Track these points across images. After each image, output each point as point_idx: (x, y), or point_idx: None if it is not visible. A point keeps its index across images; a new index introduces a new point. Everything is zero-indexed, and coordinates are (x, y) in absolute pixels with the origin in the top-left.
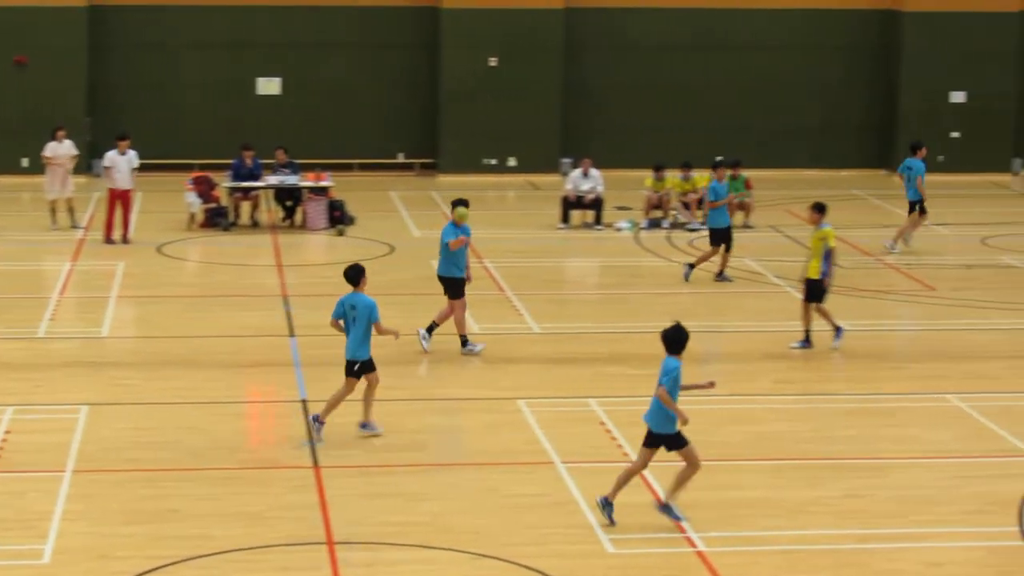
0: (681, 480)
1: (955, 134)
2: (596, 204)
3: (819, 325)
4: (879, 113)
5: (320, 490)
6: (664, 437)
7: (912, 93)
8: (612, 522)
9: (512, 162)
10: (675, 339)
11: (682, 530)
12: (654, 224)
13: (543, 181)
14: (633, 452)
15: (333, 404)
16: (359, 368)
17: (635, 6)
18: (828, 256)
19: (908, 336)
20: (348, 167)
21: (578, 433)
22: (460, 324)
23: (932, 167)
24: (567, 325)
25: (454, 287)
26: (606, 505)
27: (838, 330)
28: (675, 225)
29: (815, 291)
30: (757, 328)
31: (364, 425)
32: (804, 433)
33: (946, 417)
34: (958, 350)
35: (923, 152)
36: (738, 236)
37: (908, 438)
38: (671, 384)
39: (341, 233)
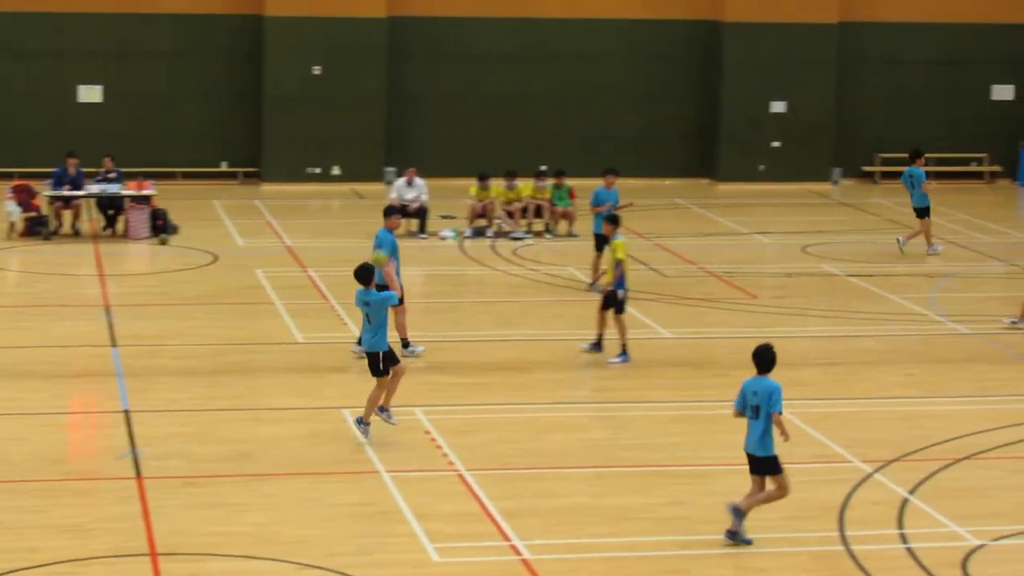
0: (762, 500)
1: (776, 144)
2: (420, 213)
3: (636, 333)
4: (701, 123)
5: (143, 501)
6: (771, 460)
7: (733, 103)
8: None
9: (336, 171)
10: (769, 358)
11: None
12: (478, 233)
13: (367, 190)
14: (458, 460)
15: (373, 404)
16: (384, 362)
17: (458, 16)
18: (618, 266)
19: (730, 344)
20: (171, 176)
21: (403, 442)
22: (402, 328)
23: (753, 176)
24: (390, 334)
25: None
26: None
27: (623, 350)
28: (499, 234)
29: (609, 301)
30: (581, 336)
31: (383, 409)
32: (627, 440)
33: None
34: (779, 357)
35: (922, 160)
36: (562, 245)
37: (729, 444)
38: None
39: (164, 242)
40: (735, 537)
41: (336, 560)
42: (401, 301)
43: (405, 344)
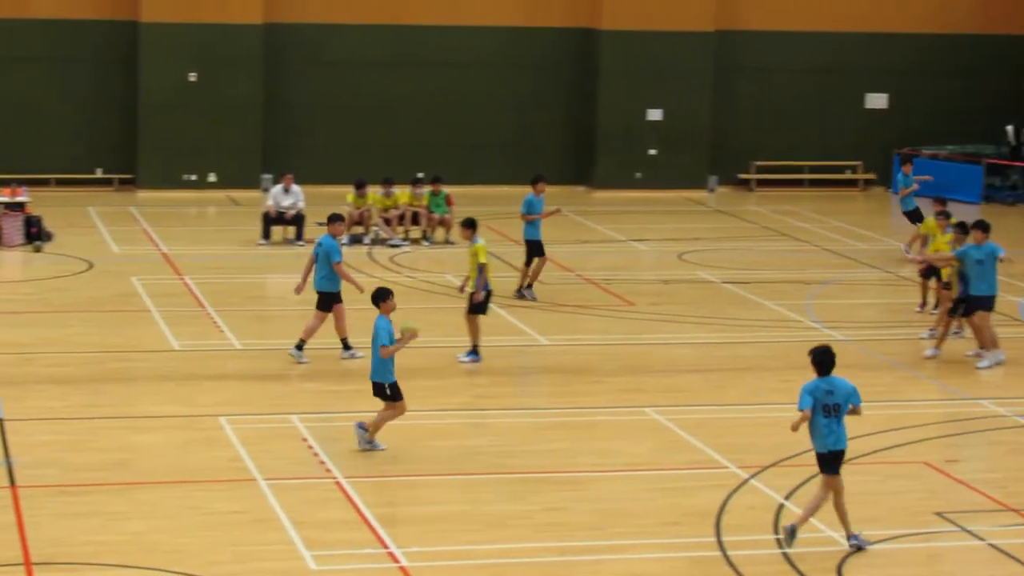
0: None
1: (652, 151)
2: (297, 220)
3: (513, 340)
4: (578, 130)
5: (17, 510)
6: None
7: (610, 111)
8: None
9: (212, 178)
10: (832, 359)
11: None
12: (355, 240)
13: (244, 197)
14: (336, 467)
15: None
16: (391, 391)
17: (335, 22)
18: (481, 271)
19: (607, 350)
20: (45, 182)
21: (280, 449)
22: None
23: (629, 184)
24: (268, 341)
25: (329, 300)
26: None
27: (474, 350)
28: (376, 241)
29: (473, 305)
30: (457, 344)
31: (360, 424)
32: (504, 447)
33: (644, 430)
34: (656, 364)
35: (908, 167)
36: (438, 252)
37: (607, 451)
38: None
39: (38, 249)
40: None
41: (214, 568)
42: (339, 302)
43: (346, 346)
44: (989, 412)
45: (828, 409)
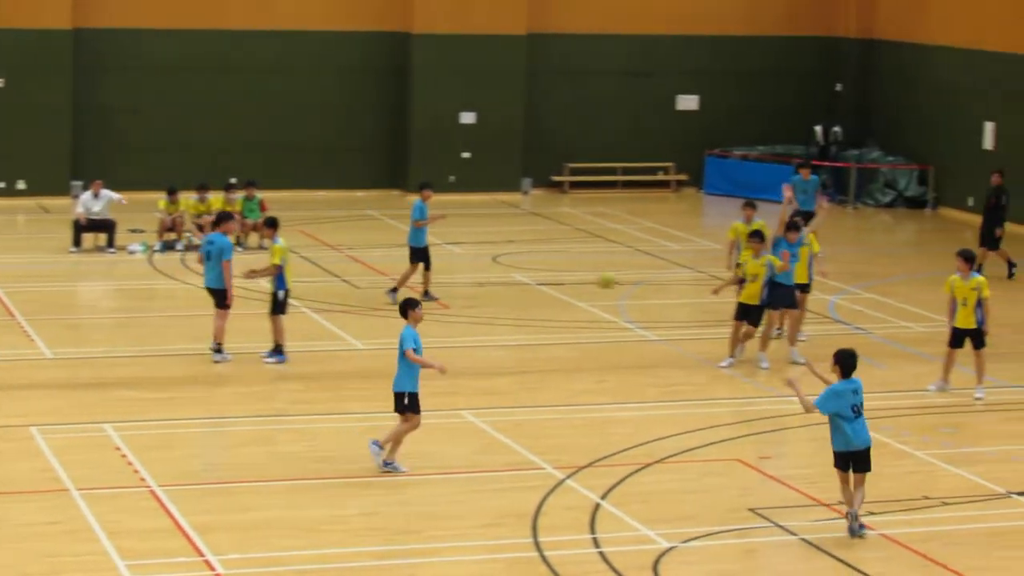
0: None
1: (466, 154)
2: (108, 226)
3: (328, 345)
4: (391, 134)
5: None
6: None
7: (423, 114)
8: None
9: (21, 185)
10: (856, 361)
11: None
12: (168, 246)
13: (54, 204)
14: (149, 476)
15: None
16: (409, 401)
17: (147, 27)
18: (279, 271)
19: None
20: None
21: (93, 459)
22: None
23: (443, 187)
24: (81, 350)
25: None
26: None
27: (278, 349)
28: (189, 247)
29: (274, 305)
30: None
31: (375, 442)
32: (320, 452)
33: (460, 433)
34: (471, 366)
35: (806, 173)
36: (253, 257)
37: (424, 454)
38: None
39: None
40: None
41: None
42: (228, 305)
43: (217, 349)
44: (799, 409)
45: (855, 409)
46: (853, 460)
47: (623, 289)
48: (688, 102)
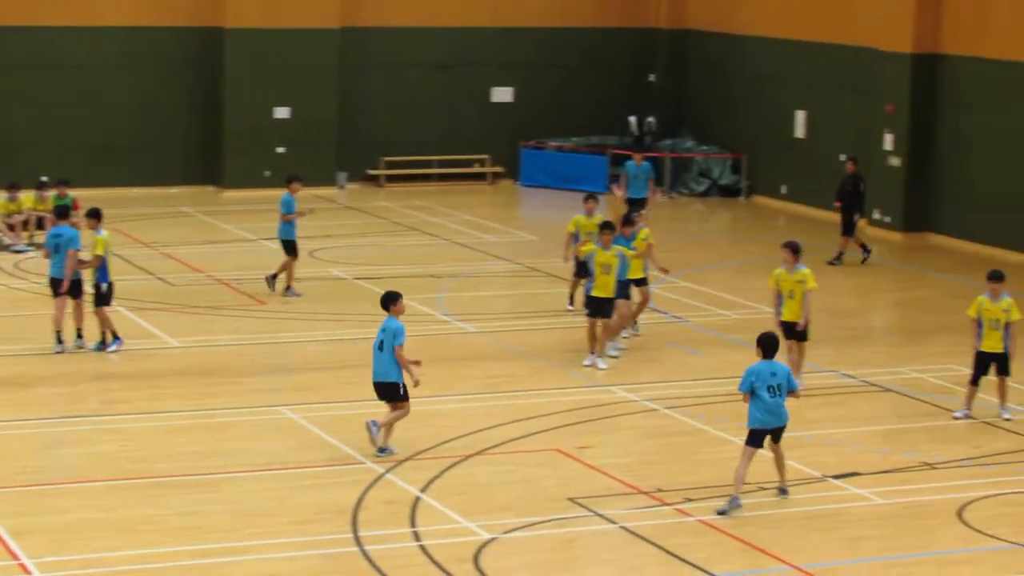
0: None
1: (281, 149)
2: None
3: (144, 344)
4: (205, 130)
5: None
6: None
7: (236, 109)
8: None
9: None
10: (776, 344)
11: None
12: None
13: None
14: None
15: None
16: (403, 391)
17: None
18: (102, 261)
19: (240, 351)
20: None
21: None
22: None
23: (259, 182)
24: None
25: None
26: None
27: (108, 338)
28: (0, 247)
29: (97, 297)
30: (80, 349)
31: (373, 422)
32: (136, 452)
33: (279, 429)
34: (289, 362)
35: (639, 158)
36: None
37: (242, 451)
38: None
39: None
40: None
41: None
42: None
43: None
44: (619, 398)
45: (776, 389)
46: (771, 435)
47: (440, 282)
48: (502, 94)
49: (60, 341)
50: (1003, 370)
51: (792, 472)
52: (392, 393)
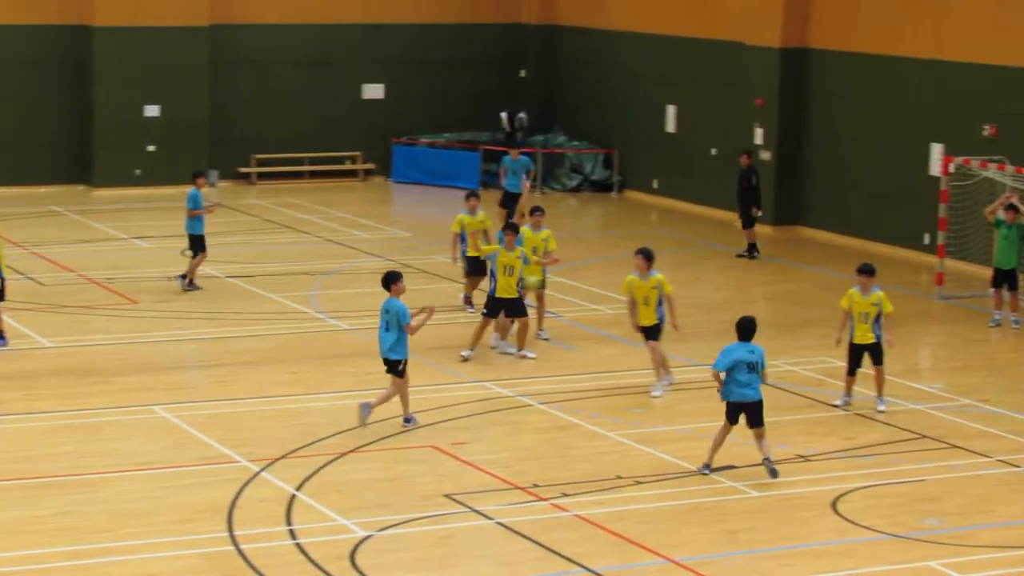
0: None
1: (151, 147)
2: None
3: (16, 344)
4: (75, 128)
5: None
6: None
7: (106, 108)
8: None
9: None
10: (755, 327)
11: None
12: None
13: None
14: None
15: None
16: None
17: None
18: None
19: (112, 350)
20: None
21: None
22: None
23: (129, 181)
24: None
25: None
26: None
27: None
28: None
29: None
30: None
31: (367, 404)
32: (11, 453)
33: (153, 428)
34: (162, 361)
35: (515, 153)
36: None
37: (117, 452)
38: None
39: None
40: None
41: None
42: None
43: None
44: (493, 394)
45: (751, 366)
46: (745, 412)
47: (313, 279)
48: (374, 91)
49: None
50: (877, 360)
51: (666, 466)
52: (393, 369)
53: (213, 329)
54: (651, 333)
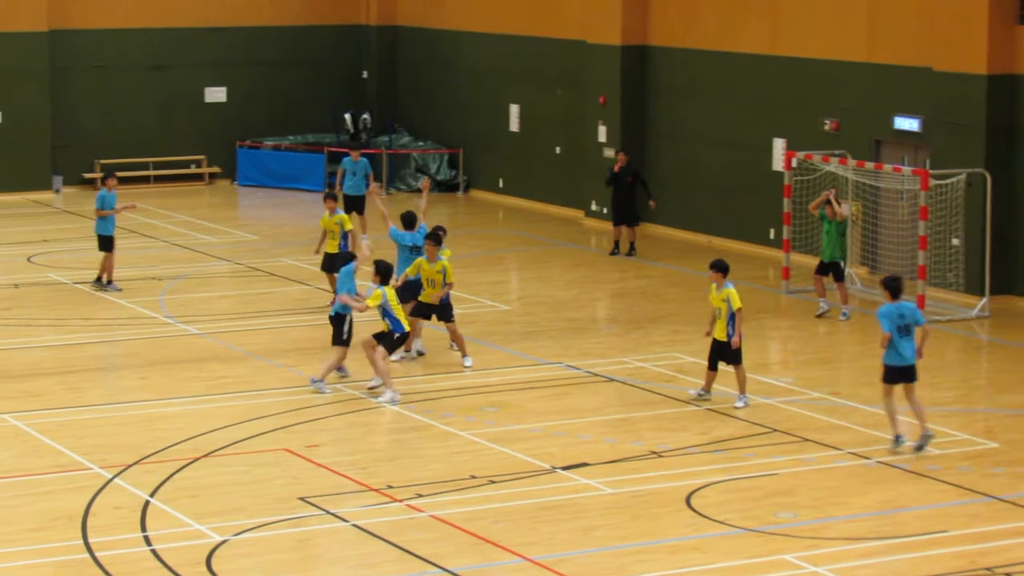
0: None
1: None
2: None
3: None
4: None
5: None
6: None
7: None
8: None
9: None
10: (902, 285)
11: None
12: None
13: None
14: None
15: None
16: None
17: None
18: None
19: None
20: None
21: None
22: None
23: None
24: None
25: None
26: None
27: None
28: None
29: None
30: None
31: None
32: None
33: (4, 436)
34: (12, 369)
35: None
36: None
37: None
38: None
39: None
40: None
41: None
42: None
43: None
44: (345, 396)
45: (906, 328)
46: (902, 374)
47: (161, 284)
48: (216, 94)
49: None
50: (729, 359)
51: (521, 465)
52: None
53: (63, 336)
54: (726, 354)
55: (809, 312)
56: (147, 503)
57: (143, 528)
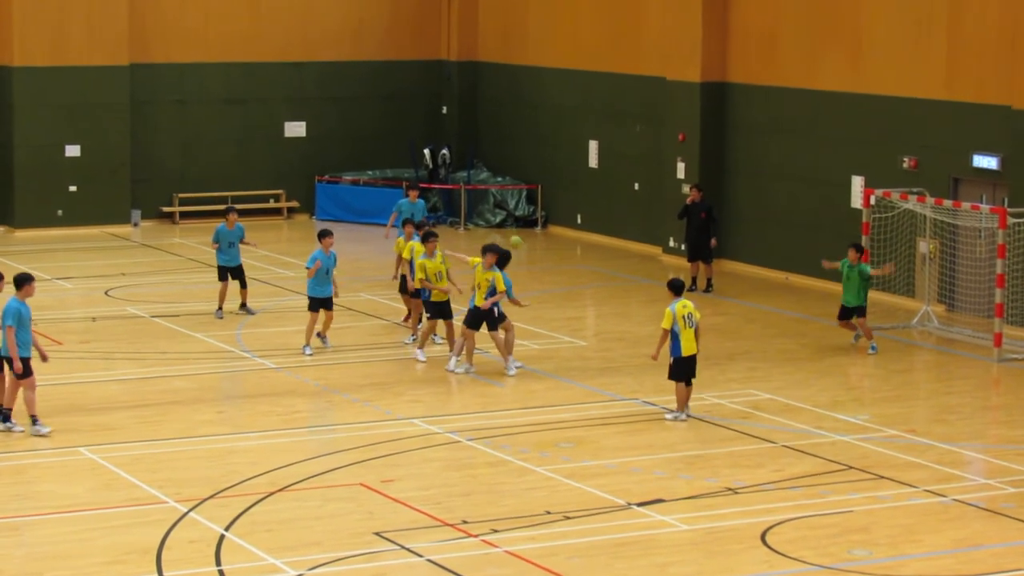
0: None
1: (73, 188)
2: None
3: None
4: None
5: None
6: None
7: (26, 148)
8: None
9: None
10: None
11: None
12: None
13: None
14: None
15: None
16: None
17: None
18: None
19: (38, 392)
20: None
21: None
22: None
23: (51, 222)
24: None
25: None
26: None
27: None
28: None
29: None
30: None
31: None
32: None
33: (79, 470)
34: (88, 402)
35: (414, 195)
36: None
37: (42, 494)
38: None
39: None
40: None
41: None
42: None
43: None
44: (421, 431)
45: None
46: None
47: (239, 318)
48: (295, 129)
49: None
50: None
51: (596, 501)
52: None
53: (139, 369)
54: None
55: (884, 349)
56: (222, 537)
57: (218, 562)
